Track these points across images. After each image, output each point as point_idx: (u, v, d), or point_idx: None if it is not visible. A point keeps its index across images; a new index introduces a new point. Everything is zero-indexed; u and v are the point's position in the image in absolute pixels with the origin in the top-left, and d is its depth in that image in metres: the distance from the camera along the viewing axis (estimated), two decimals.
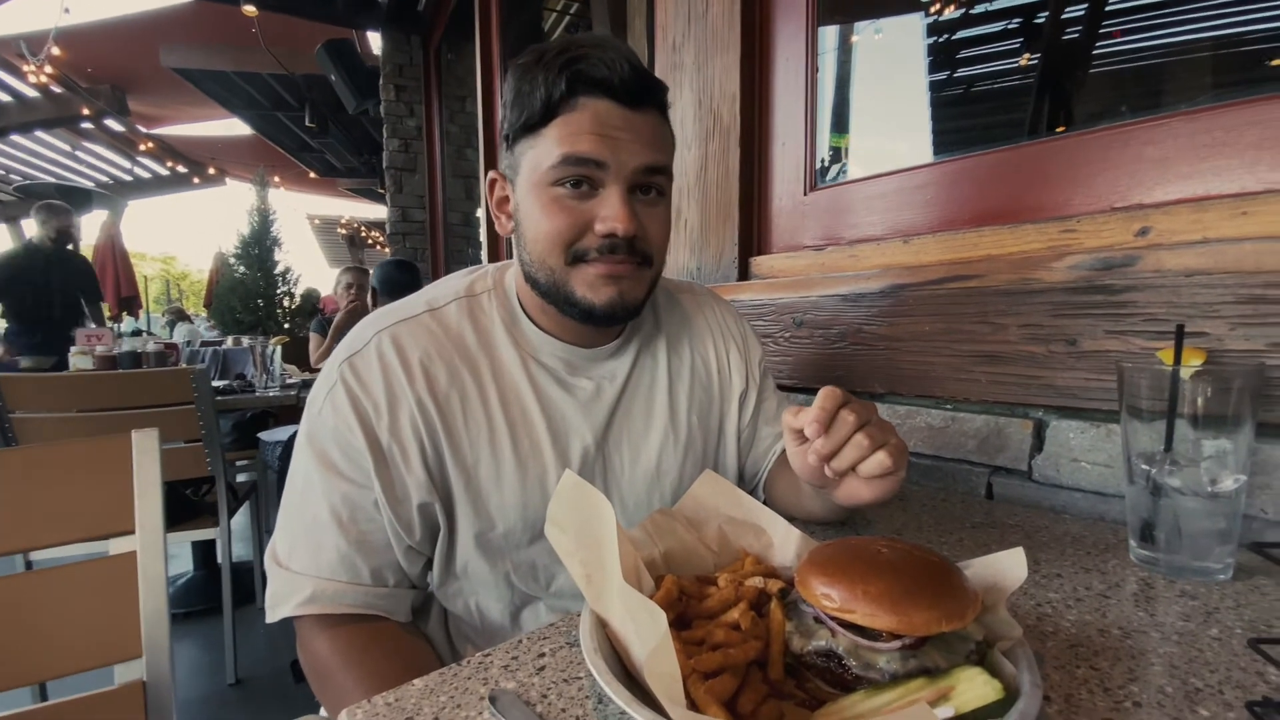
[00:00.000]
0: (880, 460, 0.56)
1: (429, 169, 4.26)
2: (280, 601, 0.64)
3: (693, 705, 0.37)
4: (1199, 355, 0.61)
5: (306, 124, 5.93)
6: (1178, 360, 0.59)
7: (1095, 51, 1.39)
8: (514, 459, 0.67)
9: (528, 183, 0.64)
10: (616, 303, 0.64)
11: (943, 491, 0.93)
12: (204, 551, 2.53)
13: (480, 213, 4.18)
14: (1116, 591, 0.58)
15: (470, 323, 0.70)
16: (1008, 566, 0.45)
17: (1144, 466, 0.63)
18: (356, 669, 0.61)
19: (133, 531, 0.73)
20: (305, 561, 0.64)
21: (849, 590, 0.41)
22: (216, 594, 2.04)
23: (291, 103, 6.07)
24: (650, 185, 0.64)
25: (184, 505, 2.03)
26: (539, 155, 0.62)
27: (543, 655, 0.50)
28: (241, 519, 2.47)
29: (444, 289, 0.72)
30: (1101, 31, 1.39)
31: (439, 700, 0.44)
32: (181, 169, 9.25)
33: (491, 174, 0.71)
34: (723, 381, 0.83)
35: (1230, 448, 0.59)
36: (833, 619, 0.42)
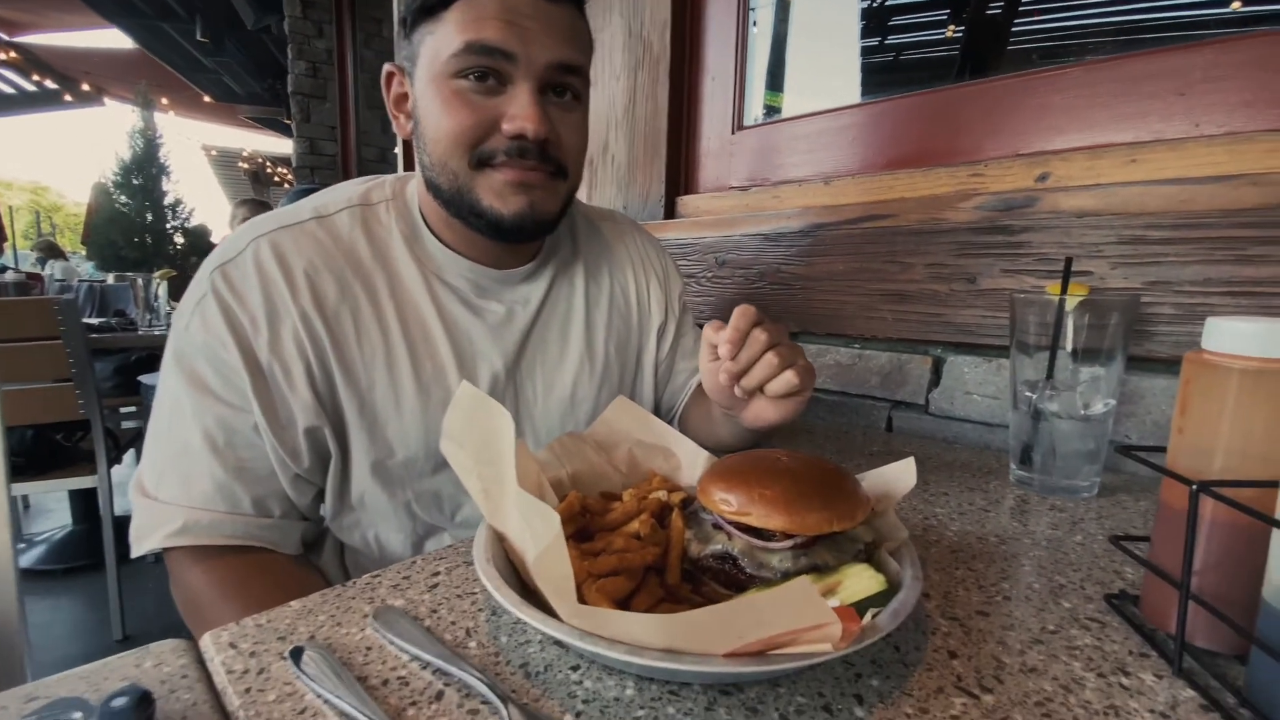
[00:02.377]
0: (788, 379, 0.56)
1: (340, 97, 3.93)
2: (146, 534, 0.58)
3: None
4: (1082, 290, 0.65)
5: (198, 38, 5.29)
6: (1064, 289, 0.62)
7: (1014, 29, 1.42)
8: (414, 383, 0.63)
9: (427, 75, 0.58)
10: (526, 214, 0.60)
11: (846, 425, 0.97)
12: (84, 503, 2.32)
13: (400, 150, 3.91)
14: (996, 507, 0.62)
15: (364, 234, 0.64)
16: (899, 475, 0.47)
17: (1027, 393, 0.67)
18: (236, 600, 0.57)
19: None
20: (175, 491, 0.58)
21: (746, 494, 0.41)
22: (99, 548, 1.89)
23: (180, 13, 5.39)
24: (564, 86, 0.60)
25: (56, 452, 1.85)
26: (439, 43, 0.56)
27: (437, 574, 0.47)
28: (128, 470, 2.28)
29: (334, 195, 0.66)
30: (1021, 10, 1.43)
31: (317, 620, 0.41)
32: (50, 84, 8.08)
33: (388, 67, 0.64)
34: (642, 313, 0.82)
35: (1103, 374, 0.63)
36: (730, 523, 0.42)
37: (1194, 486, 0.34)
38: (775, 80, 1.25)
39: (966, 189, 0.88)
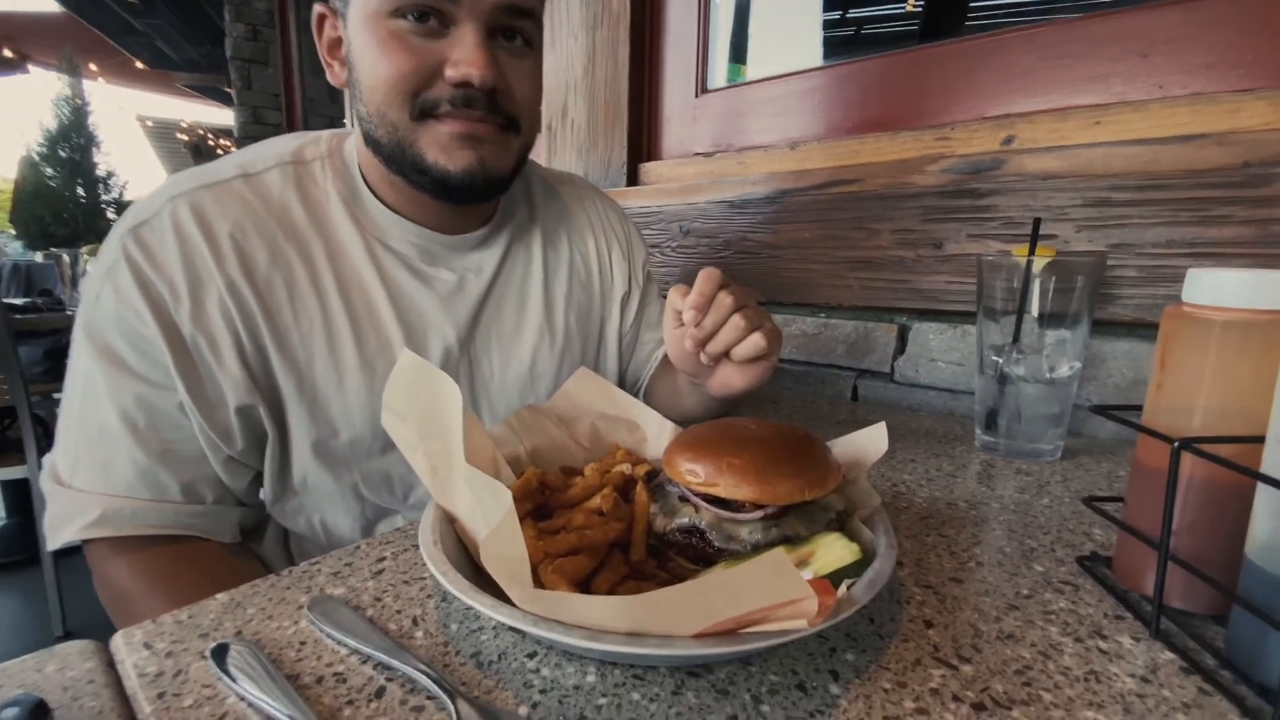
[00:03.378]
0: (755, 342, 0.54)
1: (283, 62, 3.71)
2: (61, 525, 0.53)
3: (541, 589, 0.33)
4: (1049, 252, 0.64)
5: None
6: (1032, 250, 0.61)
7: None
8: (358, 358, 0.59)
9: (361, 14, 0.52)
10: (476, 171, 0.55)
11: (813, 395, 0.95)
12: (17, 494, 2.18)
13: (349, 121, 3.73)
14: (963, 472, 0.62)
15: (298, 194, 0.58)
16: (870, 441, 0.45)
17: (994, 358, 0.66)
18: (165, 594, 0.52)
19: None
20: (92, 478, 0.53)
21: (714, 464, 0.38)
22: (34, 541, 1.78)
23: None
24: (514, 30, 0.55)
25: None
26: None
27: (382, 560, 0.44)
28: None
29: (261, 152, 0.60)
30: None
31: (246, 613, 0.37)
32: None
33: (318, 8, 0.58)
34: (604, 282, 0.78)
35: (1069, 337, 0.63)
36: (697, 495, 0.39)
37: (1175, 444, 0.32)
38: (740, 42, 1.21)
39: (933, 152, 0.86)
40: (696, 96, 1.15)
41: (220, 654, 0.33)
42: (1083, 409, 0.73)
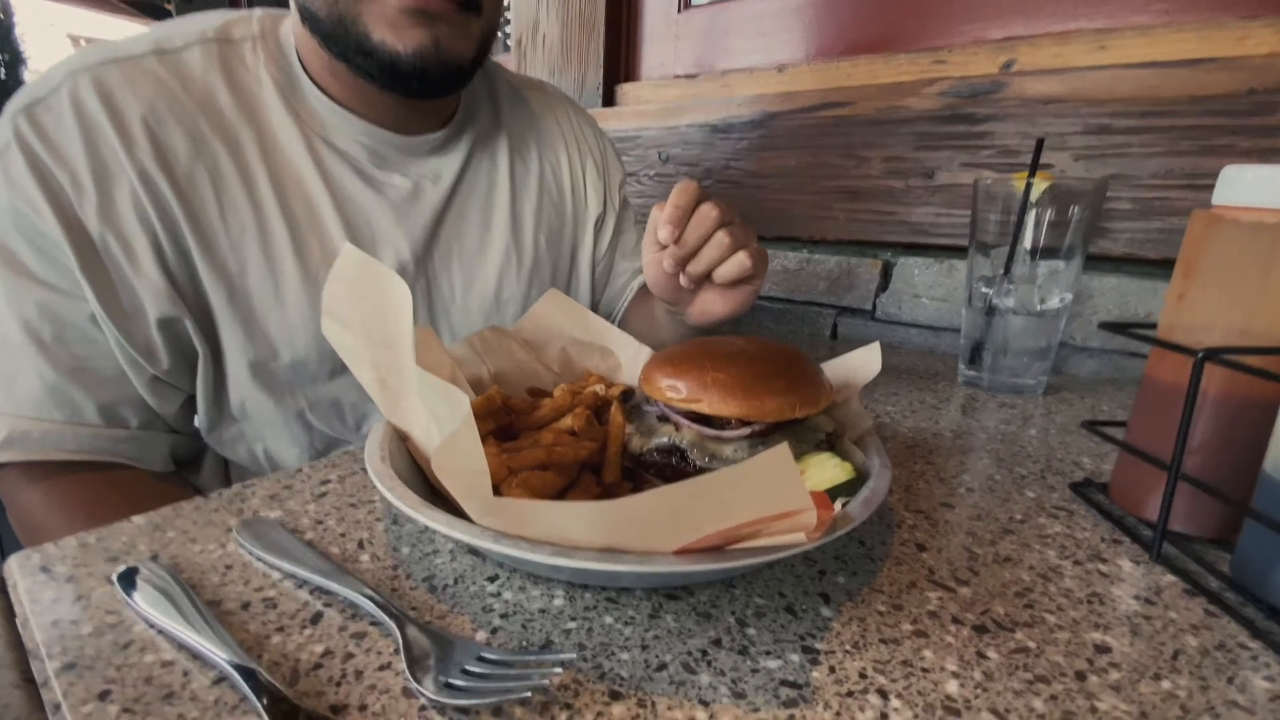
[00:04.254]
0: (739, 261, 0.50)
1: None
2: None
3: None
4: (1047, 178, 0.61)
5: None
6: (1033, 171, 0.57)
7: None
8: (298, 270, 0.52)
9: None
10: (429, 52, 0.48)
11: (791, 333, 0.93)
12: None
13: None
14: (946, 404, 0.60)
15: (224, 77, 0.51)
16: (862, 361, 0.42)
17: (983, 289, 0.64)
18: (84, 523, 0.46)
19: None
20: None
21: (697, 379, 0.35)
22: None
23: None
24: None
25: None
26: None
27: (327, 483, 0.39)
28: None
29: (181, 27, 0.52)
30: None
31: (165, 536, 0.33)
32: None
33: None
34: (576, 202, 0.72)
35: (1062, 268, 0.60)
36: (678, 412, 0.36)
37: (1200, 354, 0.30)
38: None
39: (929, 76, 0.81)
40: (679, 12, 1.07)
41: (129, 578, 0.28)
42: (1067, 345, 0.71)
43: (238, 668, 0.23)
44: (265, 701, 0.22)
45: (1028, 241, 0.60)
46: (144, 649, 0.25)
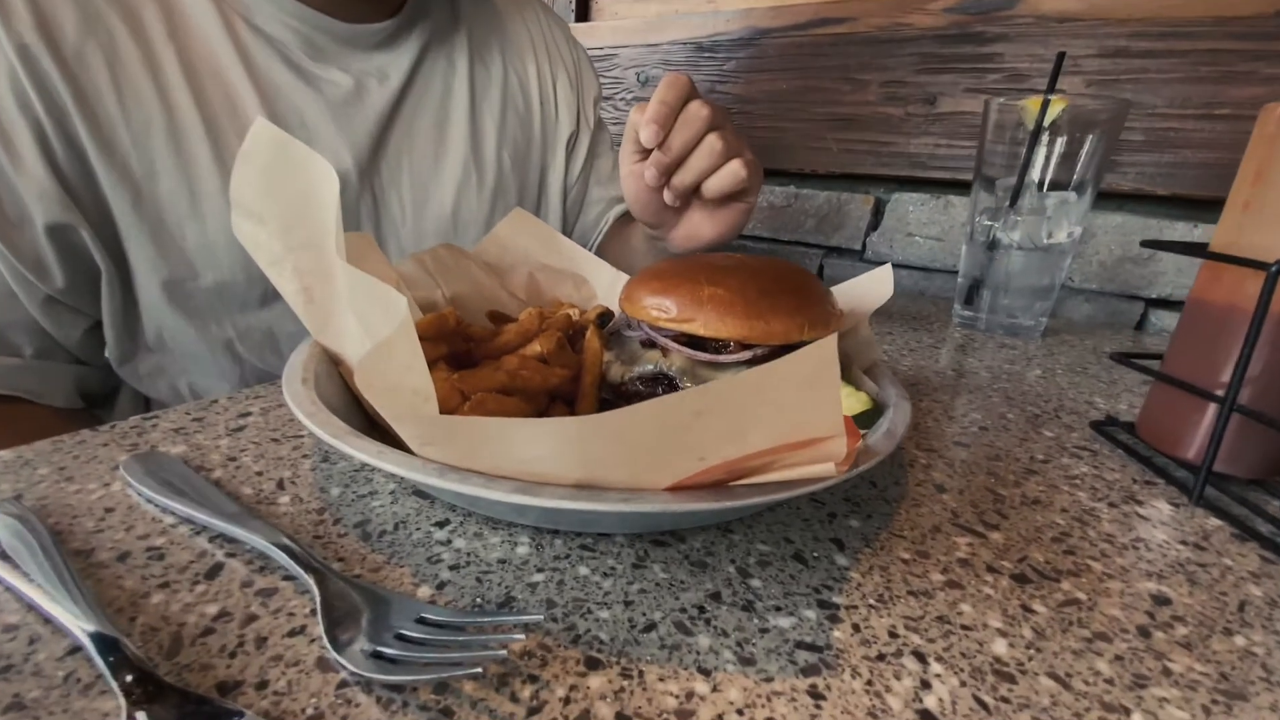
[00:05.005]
0: (733, 171, 0.44)
1: None
2: None
3: None
4: (1062, 101, 0.56)
5: None
6: (1051, 86, 0.52)
7: None
8: (217, 173, 0.44)
9: None
10: None
11: None
12: None
13: None
14: (944, 344, 0.56)
15: None
16: (871, 286, 0.37)
17: (986, 222, 0.59)
18: None
19: None
20: None
21: (690, 296, 0.29)
22: None
23: None
24: None
25: None
26: None
27: (247, 415, 0.33)
28: None
29: None
30: None
31: (35, 473, 0.27)
32: None
33: None
34: (546, 117, 0.64)
35: (1073, 199, 0.56)
36: (667, 335, 0.30)
37: (1274, 267, 0.25)
38: None
39: None
40: None
41: None
42: (1063, 288, 0.68)
43: (96, 636, 0.17)
44: (127, 679, 0.16)
45: (1037, 171, 0.55)
46: None
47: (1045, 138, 0.55)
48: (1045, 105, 0.52)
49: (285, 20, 0.47)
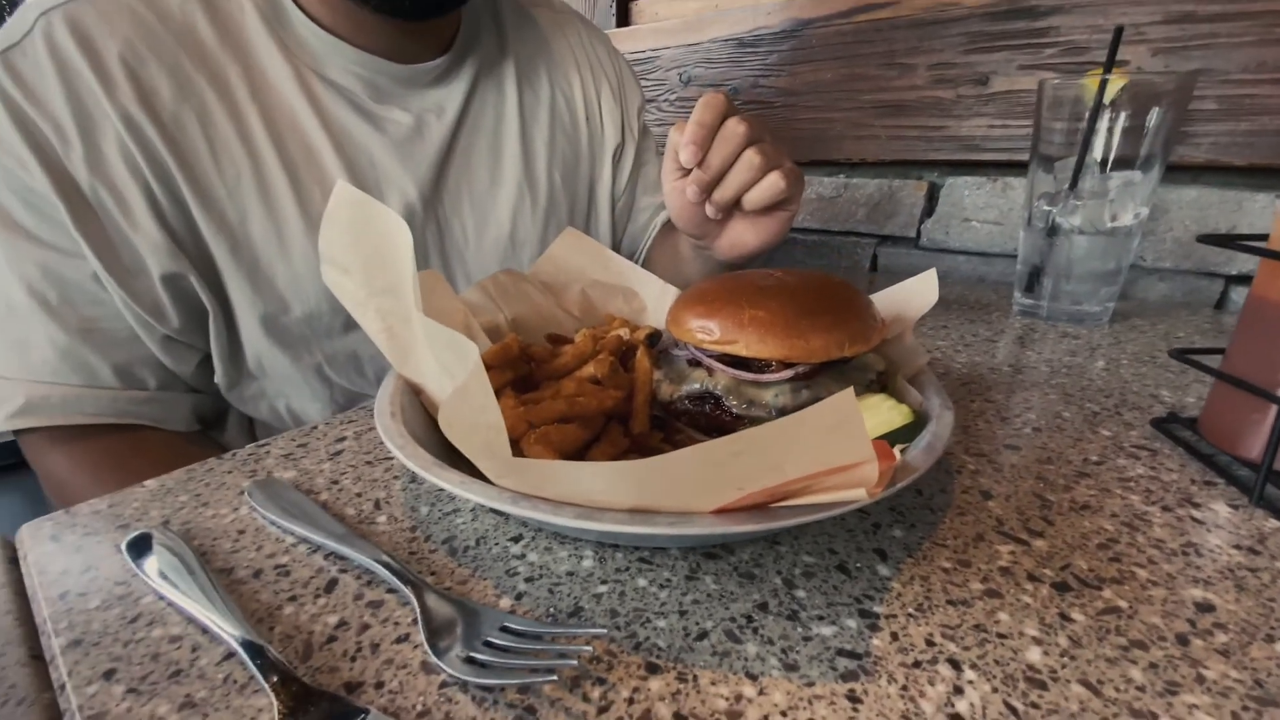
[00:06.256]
0: (773, 183, 0.45)
1: None
2: None
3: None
4: (1123, 76, 0.53)
5: None
6: (1109, 66, 0.50)
7: None
8: (300, 216, 0.49)
9: None
10: None
11: (827, 267, 0.87)
12: None
13: None
14: (1002, 336, 0.55)
15: (203, 9, 0.47)
16: (916, 291, 0.38)
17: (1045, 207, 0.57)
18: (111, 486, 0.46)
19: None
20: (9, 362, 0.45)
21: (733, 318, 0.31)
22: None
23: None
24: None
25: None
26: None
27: (343, 440, 0.38)
28: None
29: None
30: None
31: (177, 500, 0.31)
32: None
33: None
34: (592, 131, 0.67)
35: (1138, 179, 0.53)
36: (712, 355, 0.32)
37: None
38: None
39: None
40: None
41: (139, 547, 0.27)
42: (1134, 268, 0.65)
43: (246, 644, 0.21)
44: (274, 680, 0.20)
45: (1099, 151, 0.54)
46: (152, 623, 0.23)
47: (1106, 115, 0.53)
48: (1104, 85, 0.51)
49: (350, 68, 0.51)
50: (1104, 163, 0.54)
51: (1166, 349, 0.51)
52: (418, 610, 0.23)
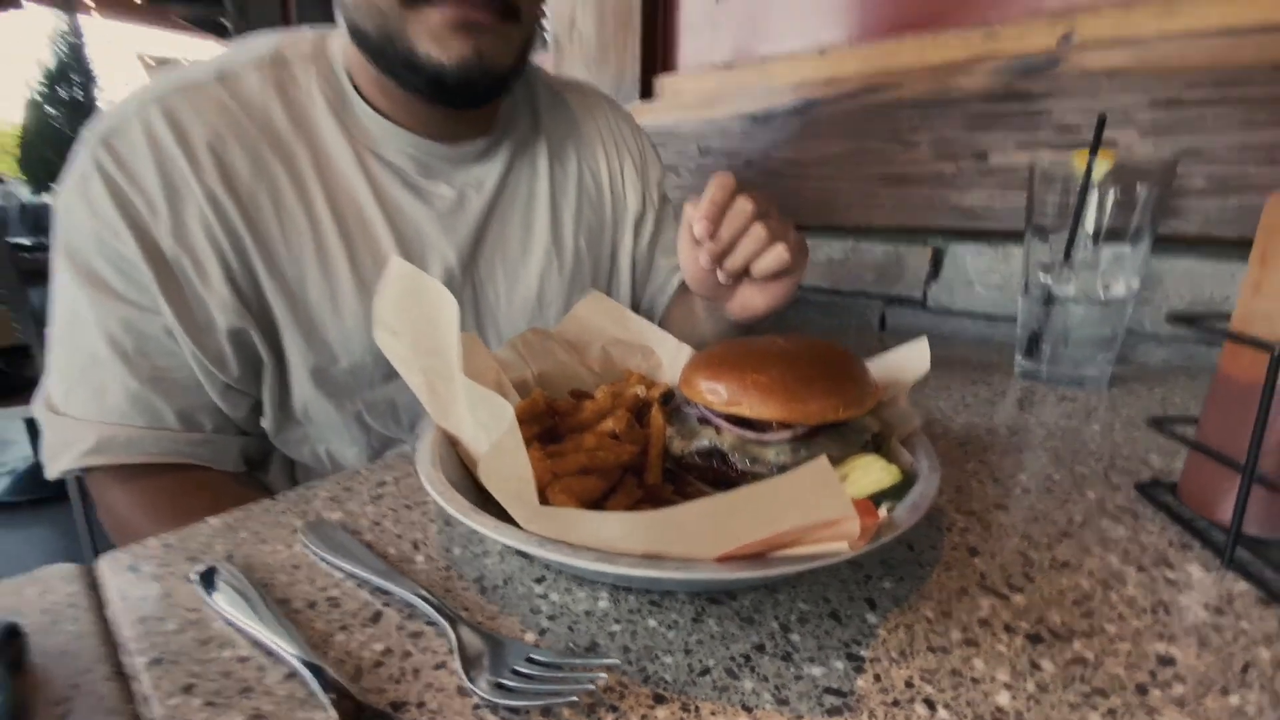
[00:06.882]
0: (778, 254, 0.49)
1: None
2: (58, 453, 0.51)
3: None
4: (1109, 156, 0.57)
5: None
6: (1094, 151, 0.54)
7: None
8: (353, 280, 0.55)
9: None
10: (472, 63, 0.49)
11: (838, 325, 0.91)
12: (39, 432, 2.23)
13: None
14: (1002, 399, 0.58)
15: (279, 98, 0.53)
16: (909, 358, 0.41)
17: (1041, 276, 0.61)
18: (168, 521, 0.49)
19: None
20: (86, 405, 0.50)
21: (738, 382, 0.35)
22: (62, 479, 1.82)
23: None
24: None
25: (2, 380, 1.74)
26: None
27: (383, 484, 0.41)
28: None
29: (239, 53, 0.54)
30: None
31: (238, 537, 0.35)
32: None
33: None
34: (615, 201, 0.73)
35: (1128, 253, 0.57)
36: (719, 415, 0.36)
37: (1276, 350, 0.28)
38: None
39: (980, 53, 0.78)
40: (716, 1, 1.05)
41: (208, 578, 0.31)
42: (1135, 333, 0.68)
43: (307, 664, 0.25)
44: (333, 697, 0.23)
45: (1090, 225, 0.57)
46: (222, 645, 0.27)
47: (1095, 192, 0.56)
48: (1090, 168, 0.55)
49: (403, 149, 0.57)
50: (1096, 234, 0.57)
51: (1162, 412, 0.53)
52: (453, 641, 0.26)
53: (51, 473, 0.52)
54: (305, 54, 0.56)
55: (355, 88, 0.56)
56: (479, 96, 0.53)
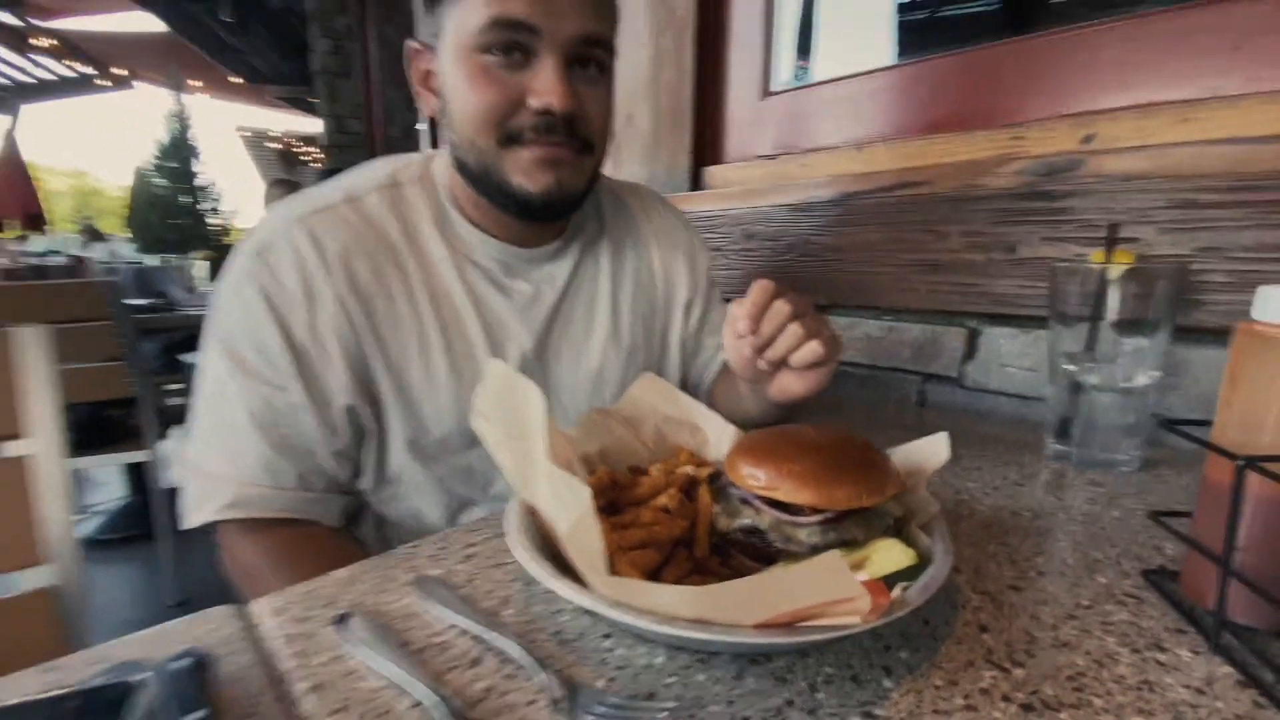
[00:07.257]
0: (813, 349, 0.56)
1: (364, 74, 3.93)
2: (199, 507, 0.61)
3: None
4: (1127, 257, 0.62)
5: (222, 19, 5.33)
6: (1108, 258, 0.60)
7: None
8: (446, 363, 0.65)
9: (452, 51, 0.58)
10: (554, 191, 0.60)
11: (877, 400, 0.95)
12: (136, 475, 2.43)
13: (422, 125, 3.91)
14: (1030, 481, 0.62)
15: (394, 216, 0.65)
16: (930, 450, 0.46)
17: (1066, 366, 0.65)
18: (288, 571, 0.59)
19: (19, 436, 0.68)
20: (224, 466, 0.61)
21: (775, 469, 0.41)
22: (151, 517, 1.99)
23: None
24: (590, 58, 0.59)
25: (107, 428, 1.93)
26: (464, 17, 0.56)
27: (471, 545, 0.49)
28: (174, 444, 2.38)
29: (363, 178, 0.67)
30: None
31: (360, 588, 0.43)
32: (84, 69, 8.23)
33: (411, 44, 0.64)
34: (668, 290, 0.81)
35: (1147, 345, 0.61)
36: (758, 498, 0.42)
37: (1240, 462, 0.33)
38: (805, 42, 1.21)
39: (1006, 153, 0.84)
40: (761, 99, 1.16)
41: (343, 621, 0.38)
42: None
43: (429, 696, 0.32)
44: None
45: (1110, 318, 0.62)
46: (362, 678, 0.34)
47: (1113, 292, 0.61)
48: (1104, 272, 0.60)
49: (491, 253, 0.68)
50: (1118, 325, 0.62)
51: (1187, 500, 0.56)
52: (544, 683, 0.32)
53: (192, 523, 0.62)
54: (414, 177, 0.68)
55: (455, 203, 0.67)
56: (557, 215, 0.63)
